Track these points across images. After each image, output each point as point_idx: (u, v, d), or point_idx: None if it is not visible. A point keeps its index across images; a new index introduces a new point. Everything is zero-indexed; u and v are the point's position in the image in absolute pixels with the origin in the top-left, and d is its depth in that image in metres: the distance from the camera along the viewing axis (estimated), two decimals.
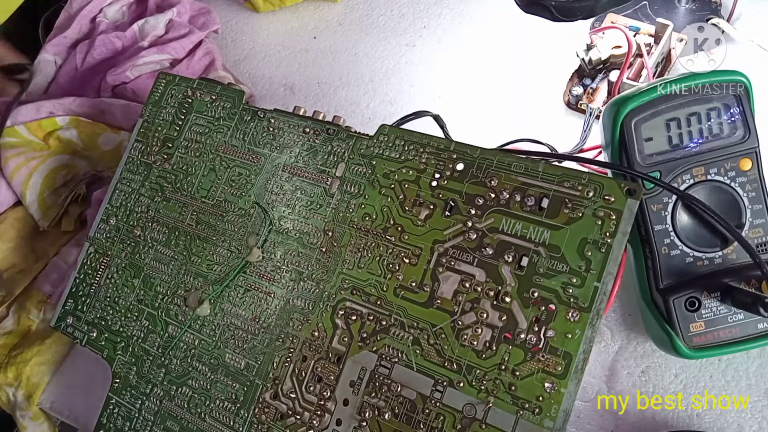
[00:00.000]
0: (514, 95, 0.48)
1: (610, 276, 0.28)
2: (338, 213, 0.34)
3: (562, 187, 0.29)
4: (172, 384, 0.36)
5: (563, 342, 0.28)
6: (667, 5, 0.48)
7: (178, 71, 0.53)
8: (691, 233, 0.33)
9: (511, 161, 0.31)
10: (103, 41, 0.55)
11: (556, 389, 0.27)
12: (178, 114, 0.40)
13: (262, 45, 0.58)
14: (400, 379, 0.30)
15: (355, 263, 0.32)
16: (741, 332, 0.32)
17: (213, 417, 0.34)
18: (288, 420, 0.32)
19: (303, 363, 0.32)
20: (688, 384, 0.36)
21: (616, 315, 0.38)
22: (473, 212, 0.30)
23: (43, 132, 0.50)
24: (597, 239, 0.28)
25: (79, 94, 0.55)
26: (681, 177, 0.33)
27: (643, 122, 0.33)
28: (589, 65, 0.45)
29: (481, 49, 0.51)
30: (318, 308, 0.33)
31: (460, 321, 0.30)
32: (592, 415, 0.36)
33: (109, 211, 0.41)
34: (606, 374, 0.37)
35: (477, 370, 0.29)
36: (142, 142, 0.41)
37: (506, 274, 0.29)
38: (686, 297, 0.32)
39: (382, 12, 0.56)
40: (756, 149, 0.33)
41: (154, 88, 0.41)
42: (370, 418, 0.30)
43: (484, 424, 0.28)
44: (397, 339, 0.31)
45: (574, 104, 0.46)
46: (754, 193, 0.33)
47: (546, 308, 0.28)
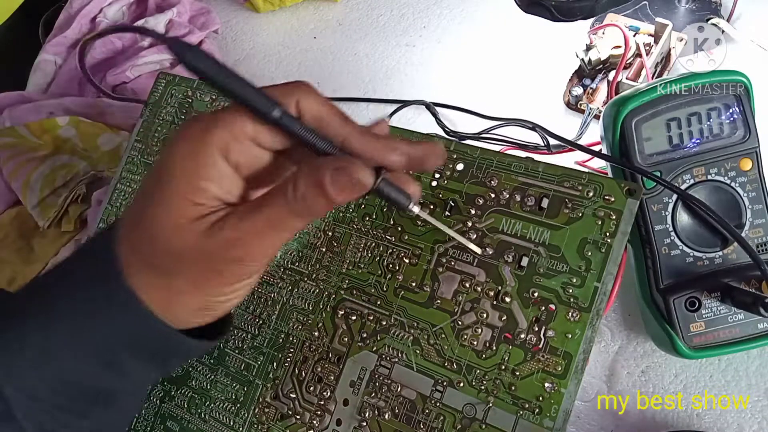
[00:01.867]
0: (514, 95, 0.48)
1: (610, 276, 0.28)
2: (338, 213, 0.34)
3: (562, 187, 0.29)
4: (172, 384, 0.36)
5: (563, 342, 0.28)
6: (667, 5, 0.48)
7: (178, 71, 0.53)
8: (691, 233, 0.33)
9: (511, 161, 0.31)
10: (103, 41, 0.55)
11: (556, 389, 0.27)
12: (178, 114, 0.40)
13: (262, 45, 0.58)
14: (400, 379, 0.30)
15: (356, 263, 0.32)
16: (741, 332, 0.32)
17: (213, 417, 0.34)
18: (288, 420, 0.32)
19: (303, 363, 0.32)
20: (688, 384, 0.36)
21: (616, 315, 0.38)
22: (473, 212, 0.30)
23: (43, 132, 0.50)
24: (597, 239, 0.28)
25: (79, 94, 0.55)
26: (681, 177, 0.33)
27: (644, 122, 0.33)
28: (588, 65, 0.45)
29: (481, 49, 0.51)
30: (318, 308, 0.33)
31: (460, 321, 0.30)
32: (592, 415, 0.36)
33: (109, 211, 0.41)
34: (606, 374, 0.37)
35: (477, 370, 0.29)
36: (142, 142, 0.41)
37: (506, 274, 0.29)
38: (686, 297, 0.32)
39: (382, 12, 0.56)
40: (756, 149, 0.33)
41: (153, 88, 0.41)
42: (370, 418, 0.30)
43: (484, 424, 0.28)
44: (397, 339, 0.31)
45: (574, 104, 0.46)
46: (754, 193, 0.33)
47: (546, 308, 0.28)
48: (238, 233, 0.23)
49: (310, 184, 0.23)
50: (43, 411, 0.26)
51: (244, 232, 0.23)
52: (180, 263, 0.24)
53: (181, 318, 0.26)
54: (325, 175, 0.22)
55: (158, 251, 0.24)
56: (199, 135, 0.23)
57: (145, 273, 0.25)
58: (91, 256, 0.27)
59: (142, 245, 0.25)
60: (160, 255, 0.24)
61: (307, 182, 0.23)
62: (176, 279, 0.24)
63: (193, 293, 0.25)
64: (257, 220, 0.23)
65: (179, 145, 0.24)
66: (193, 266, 0.24)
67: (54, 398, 0.26)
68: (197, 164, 0.23)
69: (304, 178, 0.23)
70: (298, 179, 0.23)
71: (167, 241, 0.24)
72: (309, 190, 0.23)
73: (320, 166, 0.23)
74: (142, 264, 0.25)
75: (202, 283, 0.25)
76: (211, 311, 0.26)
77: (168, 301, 0.25)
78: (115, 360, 0.26)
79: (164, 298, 0.25)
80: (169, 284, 0.24)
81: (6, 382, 0.25)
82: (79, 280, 0.26)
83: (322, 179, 0.22)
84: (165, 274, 0.24)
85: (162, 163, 0.24)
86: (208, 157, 0.23)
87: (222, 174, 0.24)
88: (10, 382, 0.25)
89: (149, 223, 0.24)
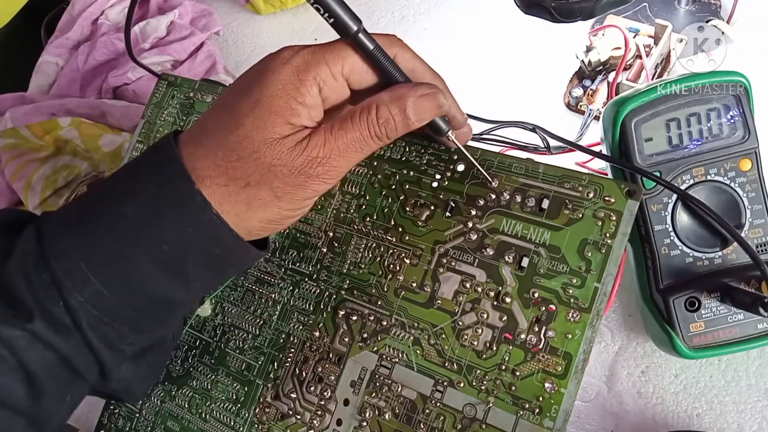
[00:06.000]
0: (514, 96, 0.48)
1: (610, 276, 0.28)
2: (339, 214, 0.34)
3: (563, 188, 0.29)
4: (172, 384, 0.36)
5: (563, 342, 0.28)
6: (667, 7, 0.48)
7: (179, 73, 0.53)
8: (691, 233, 0.33)
9: (511, 162, 0.31)
10: (105, 43, 0.55)
11: (556, 389, 0.27)
12: (180, 115, 0.40)
13: (264, 47, 0.58)
14: (401, 379, 0.30)
15: (356, 264, 0.33)
16: (741, 332, 0.32)
17: (214, 417, 0.34)
18: (288, 420, 0.32)
19: (304, 363, 0.33)
20: (688, 384, 0.36)
21: (616, 315, 0.38)
22: (474, 213, 0.31)
23: (45, 133, 0.50)
24: (597, 240, 0.28)
25: (81, 96, 0.55)
26: (681, 177, 0.33)
27: (643, 122, 0.33)
28: (588, 67, 0.45)
29: (481, 50, 0.51)
30: (319, 308, 0.33)
31: (461, 321, 0.30)
32: (592, 415, 0.36)
33: None
34: (606, 374, 0.37)
35: (477, 370, 0.29)
36: (144, 143, 0.41)
37: (507, 275, 0.29)
38: (686, 297, 0.33)
39: (382, 14, 0.56)
40: (756, 149, 0.33)
41: (155, 89, 0.42)
42: (371, 418, 0.30)
43: (484, 424, 0.28)
44: (397, 339, 0.31)
45: (574, 105, 0.46)
46: (753, 193, 0.33)
47: (546, 308, 0.28)
48: (323, 152, 0.26)
49: (395, 109, 0.26)
50: (105, 323, 0.27)
51: (329, 150, 0.26)
52: (267, 176, 0.26)
53: (250, 228, 0.27)
54: (407, 101, 0.26)
55: (246, 164, 0.26)
56: (304, 66, 0.26)
57: (223, 184, 0.26)
58: (159, 165, 0.27)
59: (225, 157, 0.26)
60: (249, 167, 0.26)
61: (391, 108, 0.26)
62: (260, 190, 0.26)
63: (271, 205, 0.27)
64: (340, 142, 0.26)
65: (284, 69, 0.26)
66: (277, 179, 0.26)
67: (118, 309, 0.27)
68: (298, 91, 0.26)
69: (387, 104, 0.26)
70: (379, 105, 0.26)
71: (257, 154, 0.26)
72: (393, 114, 0.26)
73: (403, 94, 0.26)
74: (222, 176, 0.26)
75: (282, 195, 0.26)
76: (278, 224, 0.28)
77: (244, 212, 0.26)
78: (179, 268, 0.27)
79: (240, 209, 0.26)
80: (251, 195, 0.26)
81: (74, 292, 0.26)
82: (150, 193, 0.26)
83: (404, 105, 0.26)
84: (248, 185, 0.26)
85: (259, 82, 0.26)
86: (310, 87, 0.26)
87: (315, 103, 0.26)
88: (79, 292, 0.26)
89: (236, 137, 0.26)
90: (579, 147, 0.34)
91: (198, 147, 0.26)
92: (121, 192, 0.27)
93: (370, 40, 0.26)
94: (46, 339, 0.26)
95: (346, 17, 0.26)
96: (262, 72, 0.26)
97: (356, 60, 0.27)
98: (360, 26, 0.26)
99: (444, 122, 0.29)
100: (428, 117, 0.27)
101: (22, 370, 0.26)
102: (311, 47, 0.26)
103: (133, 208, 0.26)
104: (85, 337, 0.27)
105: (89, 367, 0.28)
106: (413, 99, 0.26)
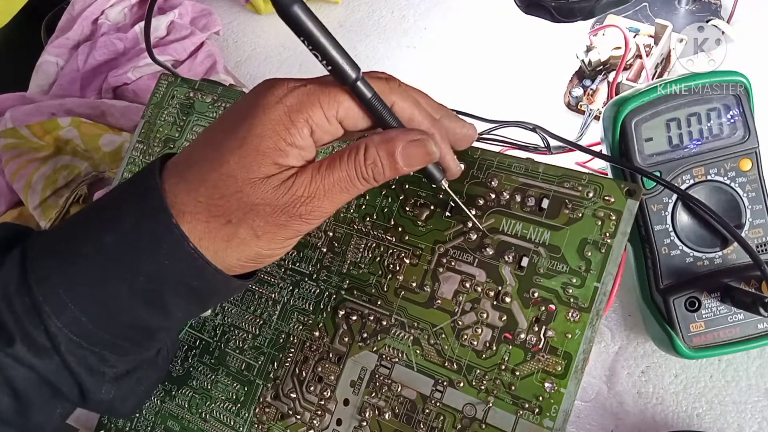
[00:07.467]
0: (514, 96, 0.48)
1: (610, 276, 0.28)
2: (339, 213, 0.34)
3: (562, 188, 0.29)
4: (173, 383, 0.36)
5: (563, 342, 0.28)
6: (667, 7, 0.48)
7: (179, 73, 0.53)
8: (691, 233, 0.33)
9: (511, 162, 0.31)
10: (105, 43, 0.55)
11: (556, 389, 0.27)
12: (180, 115, 0.40)
13: (264, 46, 0.58)
14: (401, 379, 0.30)
15: (356, 263, 0.33)
16: (741, 332, 0.32)
17: (214, 417, 0.34)
18: (288, 420, 0.32)
19: (304, 363, 0.33)
20: (688, 384, 0.36)
21: (616, 315, 0.38)
22: (474, 213, 0.31)
23: (45, 133, 0.50)
24: (597, 240, 0.28)
25: (81, 96, 0.55)
26: (681, 177, 0.33)
27: (644, 122, 0.33)
28: (588, 67, 0.45)
29: (481, 50, 0.51)
30: (319, 308, 0.33)
31: (461, 321, 0.30)
32: (592, 415, 0.36)
33: None
34: (606, 374, 0.37)
35: (477, 370, 0.29)
36: (144, 143, 0.41)
37: (506, 275, 0.29)
38: (686, 297, 0.33)
39: (382, 14, 0.56)
40: (756, 149, 0.33)
41: (155, 89, 0.42)
42: (371, 418, 0.30)
43: (484, 424, 0.28)
44: (397, 339, 0.31)
45: (574, 105, 0.46)
46: (754, 193, 0.33)
47: (546, 308, 0.28)
48: (308, 192, 0.25)
49: (383, 153, 0.26)
50: (84, 347, 0.27)
51: (314, 189, 0.25)
52: (249, 214, 0.25)
53: (228, 265, 0.27)
54: (397, 146, 0.26)
55: (229, 202, 0.25)
56: (298, 107, 0.25)
57: (204, 220, 0.26)
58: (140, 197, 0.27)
59: (208, 194, 0.25)
60: (231, 205, 0.25)
61: (379, 150, 0.26)
62: (240, 228, 0.26)
63: (250, 244, 0.26)
64: (327, 181, 0.26)
65: (275, 109, 0.25)
66: (259, 218, 0.25)
67: (95, 334, 0.27)
68: (289, 132, 0.25)
69: (376, 146, 0.26)
70: (368, 147, 0.26)
71: (240, 193, 0.25)
72: (381, 157, 0.26)
73: (393, 138, 0.26)
74: (204, 212, 0.26)
75: (262, 235, 0.26)
76: (257, 262, 0.27)
77: (223, 250, 0.26)
78: (158, 299, 0.27)
79: (220, 246, 0.26)
80: (231, 233, 0.26)
81: (53, 317, 0.26)
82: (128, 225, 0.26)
83: (393, 150, 0.26)
84: (229, 222, 0.26)
85: (248, 119, 0.25)
86: (301, 128, 0.25)
87: (306, 144, 0.26)
88: (57, 317, 0.26)
89: (219, 175, 0.25)
90: (579, 147, 0.34)
91: (181, 180, 0.26)
92: (103, 220, 0.27)
93: (368, 88, 0.25)
94: (27, 362, 0.26)
95: (345, 65, 0.25)
96: (253, 108, 0.26)
97: (352, 105, 0.26)
98: (359, 74, 0.25)
99: (438, 170, 0.28)
100: (417, 163, 0.26)
101: (8, 386, 0.27)
102: (306, 86, 0.26)
103: (111, 238, 0.26)
104: (64, 360, 0.27)
105: (70, 389, 0.28)
106: (403, 144, 0.26)
